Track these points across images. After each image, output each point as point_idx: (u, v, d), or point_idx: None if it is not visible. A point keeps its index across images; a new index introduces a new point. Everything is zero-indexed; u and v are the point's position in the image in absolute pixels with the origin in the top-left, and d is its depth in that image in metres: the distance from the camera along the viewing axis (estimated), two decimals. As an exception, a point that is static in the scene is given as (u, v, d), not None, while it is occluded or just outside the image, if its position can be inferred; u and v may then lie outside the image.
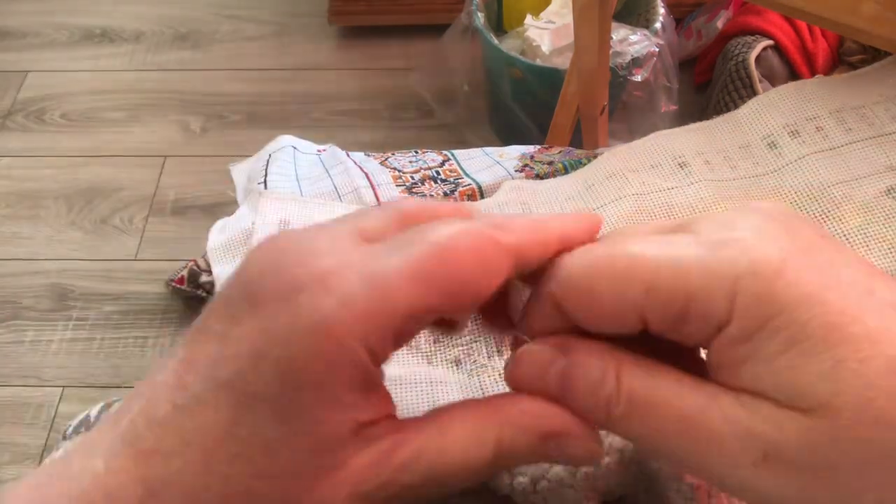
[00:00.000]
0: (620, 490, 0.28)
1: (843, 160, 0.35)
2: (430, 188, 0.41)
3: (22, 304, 1.03)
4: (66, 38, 1.37)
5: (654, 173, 0.37)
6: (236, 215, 0.41)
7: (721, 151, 0.38)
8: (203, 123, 1.23)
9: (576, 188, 0.39)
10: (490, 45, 1.01)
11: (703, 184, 0.36)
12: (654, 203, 0.36)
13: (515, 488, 0.27)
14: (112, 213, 1.13)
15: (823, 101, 0.37)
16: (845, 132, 0.36)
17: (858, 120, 0.36)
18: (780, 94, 0.39)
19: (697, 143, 0.38)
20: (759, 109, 0.39)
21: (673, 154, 0.38)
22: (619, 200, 0.36)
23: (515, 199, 0.38)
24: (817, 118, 0.37)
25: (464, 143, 1.18)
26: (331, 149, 0.47)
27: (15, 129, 1.23)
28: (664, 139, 0.39)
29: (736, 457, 0.17)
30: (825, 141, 0.36)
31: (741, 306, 0.17)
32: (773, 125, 0.38)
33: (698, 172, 0.37)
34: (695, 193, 0.36)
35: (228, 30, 1.38)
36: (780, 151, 0.37)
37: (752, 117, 0.39)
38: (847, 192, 0.33)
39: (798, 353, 0.16)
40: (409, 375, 0.29)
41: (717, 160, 0.37)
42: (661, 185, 0.37)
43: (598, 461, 0.21)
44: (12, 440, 0.92)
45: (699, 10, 1.24)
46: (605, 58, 0.69)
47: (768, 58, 1.05)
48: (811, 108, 0.37)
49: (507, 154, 0.45)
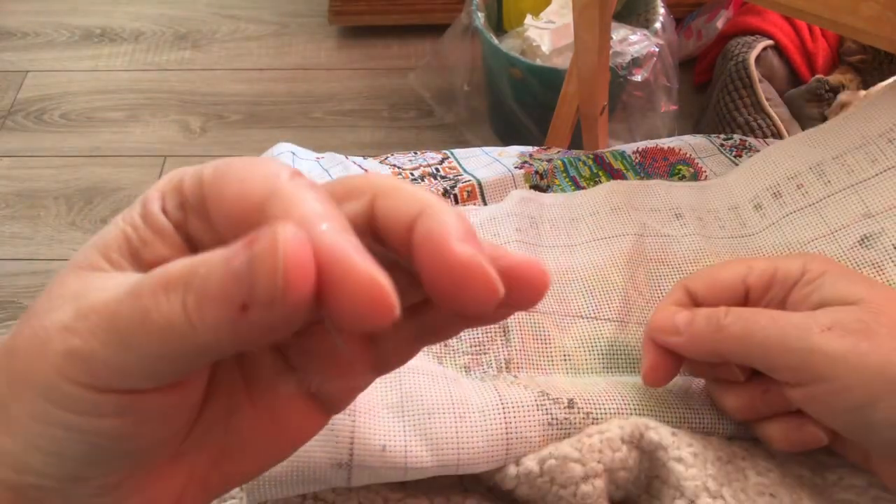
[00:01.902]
0: (625, 483, 0.28)
1: (821, 215, 0.36)
2: (430, 184, 0.41)
3: (22, 304, 1.03)
4: (65, 38, 1.37)
5: (653, 217, 0.39)
6: None
7: (712, 211, 0.40)
8: (203, 123, 1.23)
9: (581, 212, 0.40)
10: (490, 45, 1.01)
11: (695, 237, 0.38)
12: (652, 247, 0.38)
13: (521, 476, 0.27)
14: (112, 213, 1.13)
15: (806, 156, 0.39)
16: (824, 185, 0.37)
17: (838, 169, 0.37)
18: (766, 155, 0.41)
19: (691, 200, 0.40)
20: (749, 171, 0.41)
21: (670, 205, 0.40)
22: (621, 237, 0.38)
23: (524, 211, 0.39)
24: (798, 175, 0.38)
25: (463, 143, 1.18)
26: (329, 155, 0.47)
27: (15, 129, 1.23)
28: (664, 188, 0.41)
29: (811, 328, 0.26)
30: (804, 198, 0.37)
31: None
32: (759, 187, 0.39)
33: (692, 226, 0.39)
34: (689, 245, 0.38)
35: (228, 30, 1.38)
36: (764, 213, 0.38)
37: (742, 180, 0.41)
38: (822, 248, 0.35)
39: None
40: (426, 369, 0.30)
41: (709, 218, 0.39)
42: (659, 230, 0.39)
43: (280, 284, 0.14)
44: (12, 440, 0.92)
45: (699, 10, 1.24)
46: (605, 58, 0.69)
47: (768, 58, 1.05)
48: (793, 165, 0.39)
49: (507, 153, 0.45)
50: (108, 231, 0.18)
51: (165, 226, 0.18)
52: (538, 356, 0.33)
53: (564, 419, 0.28)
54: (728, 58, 1.07)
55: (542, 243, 0.38)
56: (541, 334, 0.33)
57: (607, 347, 0.33)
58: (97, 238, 0.18)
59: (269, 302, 0.14)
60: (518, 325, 0.33)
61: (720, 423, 0.30)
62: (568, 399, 0.29)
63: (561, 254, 0.37)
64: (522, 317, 0.34)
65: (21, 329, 0.17)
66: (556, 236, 0.38)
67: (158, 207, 0.18)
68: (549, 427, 0.28)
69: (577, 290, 0.36)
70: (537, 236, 0.38)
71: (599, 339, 0.34)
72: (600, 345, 0.33)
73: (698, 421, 0.30)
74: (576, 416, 0.28)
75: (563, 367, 0.33)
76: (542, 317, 0.34)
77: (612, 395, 0.29)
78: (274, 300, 0.14)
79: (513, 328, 0.33)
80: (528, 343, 0.33)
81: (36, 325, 0.17)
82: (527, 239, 0.37)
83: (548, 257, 0.37)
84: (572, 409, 0.28)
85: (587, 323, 0.34)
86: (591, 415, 0.28)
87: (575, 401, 0.29)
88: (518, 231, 0.37)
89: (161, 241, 0.18)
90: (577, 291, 0.36)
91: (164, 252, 0.18)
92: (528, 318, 0.34)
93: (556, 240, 0.38)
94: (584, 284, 0.36)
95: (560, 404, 0.28)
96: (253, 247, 0.14)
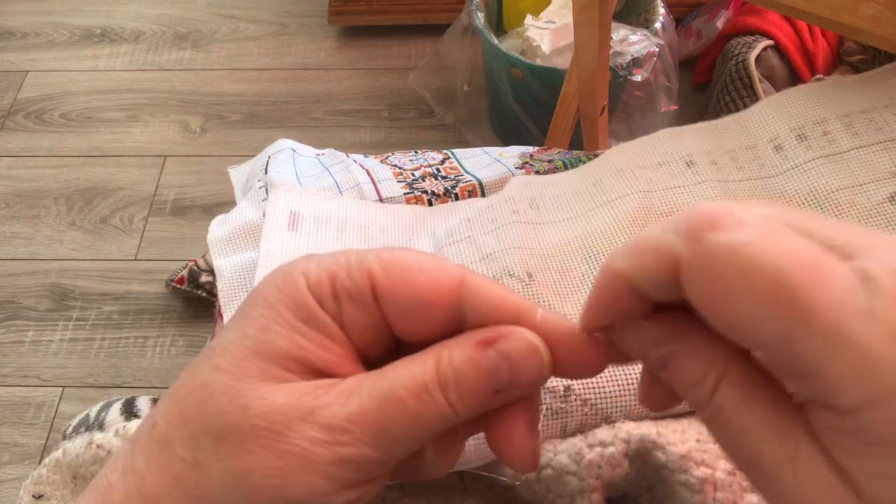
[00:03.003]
0: (624, 484, 0.28)
1: (848, 166, 0.35)
2: (431, 184, 0.41)
3: (22, 304, 1.03)
4: (65, 38, 1.37)
5: (662, 171, 0.37)
6: (236, 210, 0.41)
7: (728, 152, 0.38)
8: (203, 123, 1.23)
9: (584, 184, 0.39)
10: (490, 45, 1.01)
11: (709, 184, 0.36)
12: (660, 201, 0.36)
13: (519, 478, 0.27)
14: (112, 213, 1.13)
15: (832, 104, 0.37)
16: (852, 137, 0.36)
17: (866, 125, 0.36)
18: (788, 97, 0.39)
19: (705, 143, 0.38)
20: (767, 111, 0.39)
21: (681, 153, 0.38)
22: (625, 197, 0.36)
23: (523, 194, 0.38)
24: (825, 122, 0.37)
25: (463, 142, 1.18)
26: (329, 151, 0.47)
27: (15, 129, 1.23)
28: (672, 137, 0.39)
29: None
30: (831, 146, 0.36)
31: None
32: (780, 128, 0.38)
33: (705, 172, 0.37)
34: (701, 193, 0.36)
35: (228, 30, 1.38)
36: (786, 154, 0.37)
37: (760, 119, 0.39)
38: (850, 198, 0.33)
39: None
40: None
41: (724, 160, 0.38)
42: (668, 182, 0.37)
43: (545, 372, 0.20)
44: (12, 440, 0.92)
45: (699, 10, 1.24)
46: (605, 58, 0.69)
47: (768, 58, 1.05)
48: (819, 111, 0.37)
49: (507, 153, 0.45)
50: (271, 339, 0.20)
51: (330, 325, 0.20)
52: None
53: (560, 408, 0.28)
54: (728, 58, 1.07)
55: (542, 220, 0.37)
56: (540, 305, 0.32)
57: None
58: (261, 343, 0.20)
59: (529, 385, 0.20)
60: None
61: None
62: (564, 387, 0.28)
63: (562, 227, 0.36)
64: (518, 289, 0.33)
65: (249, 457, 0.19)
66: (557, 211, 0.37)
67: (316, 306, 0.20)
68: (544, 419, 0.28)
69: (580, 258, 0.34)
70: (537, 215, 0.37)
71: None
72: None
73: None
74: (572, 406, 0.28)
75: None
76: (541, 287, 0.33)
77: (614, 376, 0.29)
78: (535, 384, 0.20)
79: None
80: None
81: (277, 448, 0.19)
82: (525, 219, 0.36)
83: (547, 233, 0.36)
84: (568, 397, 0.28)
85: (590, 288, 0.33)
86: (590, 402, 0.28)
87: (572, 387, 0.28)
88: (515, 213, 0.37)
89: (331, 341, 0.20)
90: (579, 259, 0.34)
91: (336, 351, 0.21)
92: (524, 290, 0.33)
93: (556, 215, 0.37)
94: (586, 252, 0.35)
95: (556, 393, 0.28)
96: (500, 347, 0.20)
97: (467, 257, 0.35)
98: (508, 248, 0.34)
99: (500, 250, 0.34)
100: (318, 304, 0.20)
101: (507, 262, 0.33)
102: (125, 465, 0.20)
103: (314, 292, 0.20)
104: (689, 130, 0.40)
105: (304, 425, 0.19)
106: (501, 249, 0.34)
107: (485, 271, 0.34)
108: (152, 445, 0.19)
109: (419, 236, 0.38)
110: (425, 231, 0.38)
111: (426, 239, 0.37)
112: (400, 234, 0.37)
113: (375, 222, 0.38)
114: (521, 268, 0.33)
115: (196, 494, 0.19)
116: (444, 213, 0.39)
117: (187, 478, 0.19)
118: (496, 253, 0.34)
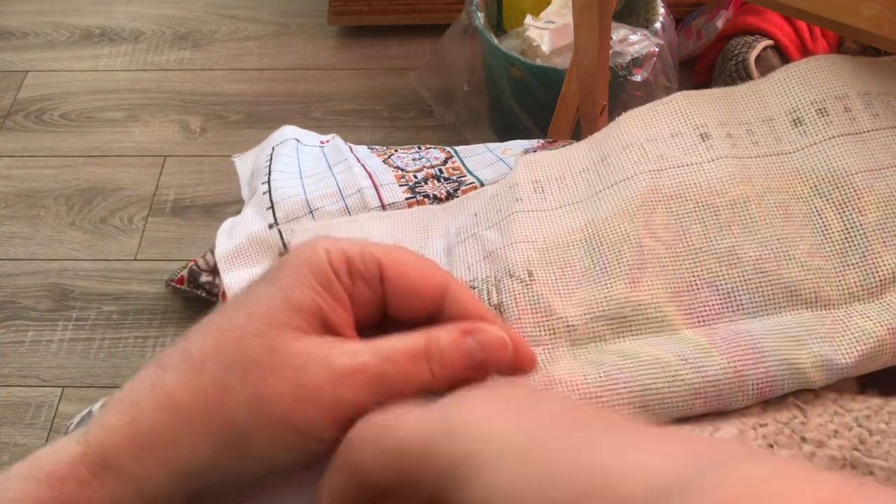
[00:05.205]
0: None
1: (868, 147, 0.33)
2: (434, 187, 0.41)
3: (22, 304, 1.03)
4: (65, 38, 1.37)
5: (673, 144, 0.35)
6: (243, 217, 0.41)
7: (744, 123, 0.36)
8: (203, 123, 1.23)
9: (590, 159, 0.37)
10: (490, 45, 1.01)
11: (724, 161, 0.34)
12: (670, 183, 0.34)
13: None
14: (112, 213, 1.13)
15: (853, 80, 0.36)
16: (872, 117, 0.34)
17: (884, 107, 0.35)
18: (809, 66, 0.37)
19: (720, 112, 0.36)
20: (787, 81, 0.37)
21: (695, 123, 0.36)
22: (633, 178, 0.34)
23: (528, 177, 0.37)
24: (846, 97, 0.35)
25: (463, 143, 1.16)
26: (334, 141, 0.47)
27: (15, 129, 1.23)
28: (686, 103, 0.37)
29: None
30: (852, 124, 0.34)
31: None
32: (800, 100, 0.36)
33: (720, 147, 0.35)
34: (715, 173, 0.34)
35: (228, 30, 1.38)
36: (805, 129, 0.35)
37: (779, 89, 0.37)
38: (870, 182, 0.32)
39: None
40: None
41: (740, 133, 0.36)
42: (680, 159, 0.34)
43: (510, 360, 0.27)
44: (12, 440, 0.92)
45: (699, 10, 1.24)
46: (605, 58, 0.69)
47: (768, 58, 1.05)
48: (841, 85, 0.35)
49: (510, 150, 0.45)
50: (298, 296, 0.25)
51: (342, 294, 0.26)
52: (538, 330, 0.31)
53: None
54: (728, 58, 1.07)
55: (546, 206, 0.36)
56: (540, 306, 0.31)
57: (617, 309, 0.31)
58: (290, 299, 0.25)
59: (494, 368, 0.26)
60: (514, 299, 0.31)
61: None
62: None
63: (565, 214, 0.35)
64: (518, 290, 0.32)
65: (269, 387, 0.23)
66: (562, 195, 0.36)
67: (333, 277, 0.25)
68: None
69: (582, 251, 0.33)
70: (541, 200, 0.36)
71: (608, 302, 0.31)
72: (609, 308, 0.31)
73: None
74: None
75: (567, 340, 0.30)
76: (541, 286, 0.32)
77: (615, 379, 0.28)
78: (500, 369, 0.26)
79: (508, 304, 0.31)
80: (525, 317, 0.31)
81: (294, 383, 0.23)
82: (529, 207, 0.35)
83: (550, 221, 0.35)
84: None
85: (593, 284, 0.31)
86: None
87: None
88: (518, 201, 0.36)
89: (341, 307, 0.25)
90: (581, 253, 0.33)
91: (343, 316, 0.26)
92: (524, 290, 0.32)
93: (561, 199, 0.36)
94: (589, 243, 0.33)
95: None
96: (477, 336, 0.26)
97: (472, 256, 0.35)
98: (511, 243, 0.34)
99: (502, 247, 0.34)
100: (336, 277, 0.25)
101: (508, 260, 0.33)
102: (154, 383, 0.24)
103: (334, 267, 0.25)
104: (704, 96, 0.37)
105: (319, 368, 0.23)
106: (504, 246, 0.34)
107: (487, 271, 0.33)
108: (185, 369, 0.24)
109: (434, 239, 0.37)
110: (440, 232, 0.38)
111: (440, 240, 0.37)
112: (414, 242, 0.38)
113: (390, 237, 0.38)
114: (522, 266, 0.33)
115: (220, 411, 0.23)
116: (455, 209, 0.39)
117: (215, 397, 0.23)
118: (499, 250, 0.34)
